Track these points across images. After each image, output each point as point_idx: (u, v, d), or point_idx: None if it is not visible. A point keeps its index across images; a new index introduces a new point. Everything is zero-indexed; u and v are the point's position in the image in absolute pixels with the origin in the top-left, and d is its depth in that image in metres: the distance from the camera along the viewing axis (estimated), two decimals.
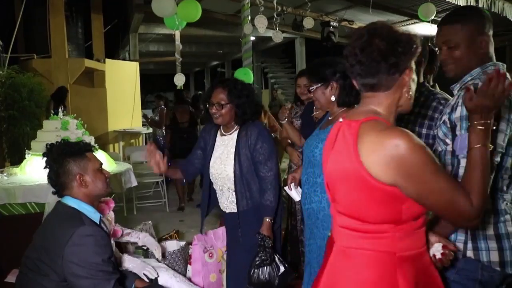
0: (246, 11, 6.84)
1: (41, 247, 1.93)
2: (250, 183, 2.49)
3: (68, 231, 1.85)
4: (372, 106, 1.38)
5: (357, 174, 1.29)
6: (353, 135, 1.32)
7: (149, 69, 20.68)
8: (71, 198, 2.03)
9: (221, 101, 2.43)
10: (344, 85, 2.20)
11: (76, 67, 8.54)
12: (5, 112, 6.11)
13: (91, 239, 1.87)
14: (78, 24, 10.20)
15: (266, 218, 2.44)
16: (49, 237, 1.92)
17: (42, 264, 1.88)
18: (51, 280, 1.87)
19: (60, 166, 2.03)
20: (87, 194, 2.05)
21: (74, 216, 1.96)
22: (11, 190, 3.55)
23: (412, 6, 8.69)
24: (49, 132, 4.04)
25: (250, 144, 2.47)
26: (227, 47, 16.27)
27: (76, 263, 1.82)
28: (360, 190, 1.31)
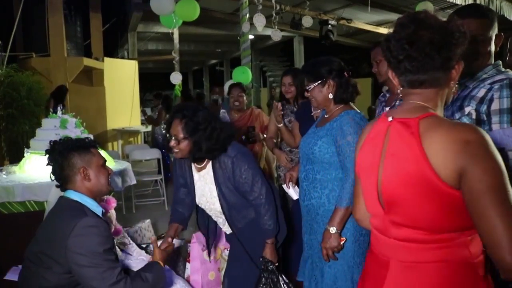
0: (244, 9, 6.85)
1: (44, 240, 1.94)
2: (241, 209, 2.40)
3: (71, 222, 1.87)
4: (420, 102, 1.25)
5: (424, 177, 1.14)
6: (414, 134, 1.17)
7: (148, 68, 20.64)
8: (74, 192, 2.05)
9: (178, 134, 2.19)
10: (340, 82, 2.24)
11: (74, 66, 8.55)
12: (4, 110, 6.12)
13: (94, 229, 1.88)
14: (77, 22, 10.20)
15: (268, 241, 2.36)
16: (52, 230, 1.93)
17: (44, 257, 1.90)
18: (54, 273, 1.88)
19: (64, 159, 2.04)
20: (90, 188, 2.07)
21: (77, 209, 1.98)
22: (10, 189, 3.56)
23: (410, 4, 8.70)
24: (48, 130, 4.04)
25: (228, 177, 2.30)
26: (226, 46, 16.26)
27: (80, 253, 1.83)
28: (427, 196, 1.16)
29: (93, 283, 1.84)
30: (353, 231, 2.19)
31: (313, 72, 2.27)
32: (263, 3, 6.70)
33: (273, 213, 2.34)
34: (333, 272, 2.21)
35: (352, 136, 2.11)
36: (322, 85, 2.25)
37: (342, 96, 2.25)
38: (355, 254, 2.20)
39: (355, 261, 2.21)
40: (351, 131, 2.13)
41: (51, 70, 8.21)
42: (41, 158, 3.93)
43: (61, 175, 2.06)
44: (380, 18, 10.40)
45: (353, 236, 2.19)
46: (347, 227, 2.18)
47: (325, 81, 2.24)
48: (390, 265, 1.26)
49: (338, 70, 2.25)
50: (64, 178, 2.06)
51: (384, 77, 2.55)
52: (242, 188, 2.31)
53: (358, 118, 2.19)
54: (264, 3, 6.85)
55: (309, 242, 2.36)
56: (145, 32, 12.69)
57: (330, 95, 2.25)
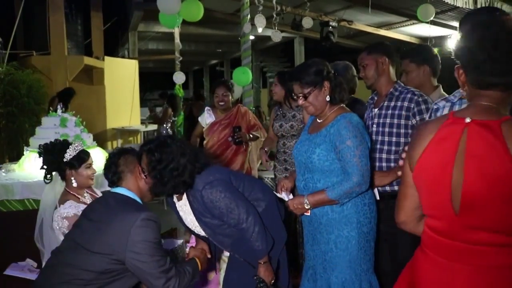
0: (245, 10, 6.85)
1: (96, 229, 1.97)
2: (227, 233, 2.31)
3: (135, 215, 1.95)
4: (490, 104, 1.23)
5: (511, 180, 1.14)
6: (499, 136, 1.16)
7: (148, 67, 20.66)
8: (126, 189, 2.13)
9: (144, 169, 2.12)
10: (335, 83, 2.21)
11: (75, 65, 8.55)
12: (4, 108, 6.12)
13: (154, 223, 1.98)
14: (78, 21, 10.21)
15: (260, 260, 2.25)
16: (112, 219, 1.97)
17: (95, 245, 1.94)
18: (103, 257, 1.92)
19: (120, 156, 2.16)
20: (141, 188, 2.16)
21: (136, 203, 2.10)
22: (9, 187, 3.57)
23: (411, 6, 8.70)
24: (47, 129, 4.05)
25: (203, 210, 2.23)
26: (226, 46, 16.26)
27: (141, 241, 1.91)
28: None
29: (147, 269, 1.92)
30: (358, 238, 2.17)
31: (306, 77, 2.19)
32: (264, 4, 6.70)
33: (259, 232, 2.19)
34: (340, 282, 2.18)
35: (352, 140, 2.08)
36: (319, 89, 2.19)
37: (339, 96, 2.21)
38: (362, 262, 2.18)
39: (362, 268, 2.19)
40: (350, 134, 2.09)
41: (51, 68, 8.22)
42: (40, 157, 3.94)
43: (116, 171, 2.14)
44: (381, 20, 10.40)
45: (358, 243, 2.17)
46: (352, 234, 2.16)
47: (320, 84, 2.18)
48: (456, 269, 1.24)
49: (332, 72, 2.22)
50: (119, 173, 2.14)
51: (371, 81, 2.56)
52: (222, 219, 2.23)
53: (355, 121, 2.15)
54: (265, 4, 6.85)
55: (312, 253, 2.32)
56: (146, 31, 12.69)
57: (327, 97, 2.20)
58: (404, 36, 11.43)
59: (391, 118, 2.43)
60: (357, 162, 2.06)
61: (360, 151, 2.07)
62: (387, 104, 2.47)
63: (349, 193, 2.08)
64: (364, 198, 2.20)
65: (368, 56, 2.54)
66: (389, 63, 2.52)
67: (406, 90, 2.45)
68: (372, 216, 2.22)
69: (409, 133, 2.37)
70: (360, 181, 2.06)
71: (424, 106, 2.37)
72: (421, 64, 2.78)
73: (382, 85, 2.53)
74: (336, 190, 2.08)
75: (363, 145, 2.10)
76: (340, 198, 2.09)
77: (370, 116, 2.59)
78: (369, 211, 2.21)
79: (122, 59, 12.31)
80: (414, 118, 2.37)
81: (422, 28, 10.14)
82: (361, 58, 2.58)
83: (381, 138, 2.47)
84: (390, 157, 2.44)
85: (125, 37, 13.30)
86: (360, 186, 2.07)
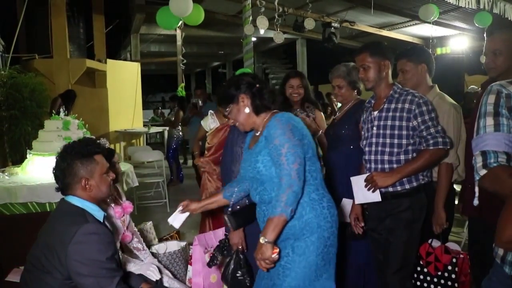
0: (247, 12, 6.86)
1: (44, 244, 1.93)
2: None
3: (72, 229, 1.86)
4: None
5: None
6: None
7: (150, 70, 20.70)
8: (75, 197, 2.03)
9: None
10: (252, 92, 2.16)
11: (77, 67, 8.57)
12: (6, 112, 6.11)
13: (94, 237, 1.87)
14: (80, 24, 10.21)
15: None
16: (53, 235, 1.92)
17: (45, 261, 1.89)
18: (54, 278, 1.87)
19: (67, 166, 2.02)
20: (91, 196, 2.05)
21: (78, 214, 1.96)
22: (12, 190, 3.56)
23: (413, 7, 8.70)
24: (50, 132, 4.04)
25: None
26: (228, 48, 16.29)
27: (79, 261, 1.82)
28: None
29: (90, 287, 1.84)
30: (317, 243, 2.08)
31: (224, 97, 2.21)
32: (266, 6, 6.70)
33: None
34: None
35: (279, 138, 1.99)
36: (236, 103, 2.17)
37: (261, 104, 2.16)
38: (317, 267, 2.10)
39: (316, 274, 2.11)
40: (278, 132, 2.00)
41: (54, 71, 8.23)
42: (43, 160, 3.93)
43: (63, 181, 2.05)
44: (383, 20, 10.39)
45: (317, 249, 2.08)
46: (311, 239, 2.07)
47: (236, 99, 2.17)
48: None
49: (247, 83, 2.18)
50: (66, 184, 2.04)
51: (371, 84, 2.51)
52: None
53: (285, 119, 2.07)
54: (267, 5, 6.85)
55: None
56: (148, 34, 12.73)
57: (247, 109, 2.16)
58: (406, 36, 11.42)
59: (392, 120, 2.42)
60: (283, 161, 1.95)
61: (287, 148, 1.96)
62: (387, 107, 2.46)
63: (285, 199, 1.91)
64: (322, 202, 2.11)
65: (371, 59, 2.48)
66: (389, 66, 2.51)
67: (406, 92, 2.44)
68: (333, 220, 2.13)
69: (411, 134, 2.38)
70: (289, 181, 1.92)
71: (425, 107, 2.35)
72: (418, 63, 2.78)
73: (382, 89, 2.52)
74: (274, 206, 1.95)
75: (291, 142, 1.97)
76: (283, 210, 1.92)
77: (369, 119, 2.57)
78: (330, 214, 2.11)
79: (124, 61, 12.32)
80: (415, 120, 2.36)
81: (424, 29, 10.12)
82: (362, 58, 2.51)
83: (382, 140, 2.46)
84: (392, 158, 2.43)
85: (127, 39, 13.33)
86: (291, 187, 1.92)
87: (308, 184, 2.08)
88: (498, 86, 1.67)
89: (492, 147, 1.61)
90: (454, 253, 2.65)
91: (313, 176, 2.11)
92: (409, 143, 2.40)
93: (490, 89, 1.68)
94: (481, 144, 1.66)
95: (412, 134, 2.39)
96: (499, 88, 1.66)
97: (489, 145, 1.62)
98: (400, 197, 2.43)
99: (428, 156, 2.34)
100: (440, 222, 2.63)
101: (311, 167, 2.10)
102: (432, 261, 2.68)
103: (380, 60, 2.47)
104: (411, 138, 2.39)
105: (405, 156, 2.41)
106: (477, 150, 1.66)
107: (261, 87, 2.19)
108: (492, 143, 1.62)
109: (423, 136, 2.36)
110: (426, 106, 2.36)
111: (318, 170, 2.15)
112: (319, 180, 2.15)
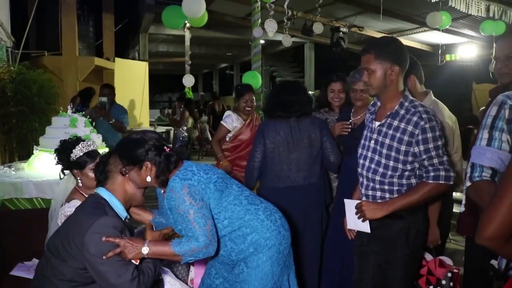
0: (256, 14, 6.87)
1: (64, 233, 1.97)
2: None
3: (91, 219, 1.89)
4: None
5: None
6: None
7: (158, 69, 20.77)
8: (106, 190, 2.06)
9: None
10: (159, 162, 2.03)
11: (86, 65, 8.61)
12: (14, 107, 6.15)
13: (111, 230, 1.90)
14: (89, 22, 10.27)
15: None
16: (73, 224, 1.95)
17: (62, 249, 1.92)
18: (69, 266, 1.90)
19: (110, 155, 2.09)
20: (125, 191, 2.09)
21: (100, 207, 1.99)
22: (18, 185, 3.58)
23: (422, 14, 8.67)
24: (57, 128, 4.06)
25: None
26: (236, 50, 16.31)
27: (94, 250, 1.85)
28: None
29: (109, 278, 1.86)
30: (268, 254, 2.11)
31: (128, 155, 2.05)
32: (275, 9, 6.71)
33: None
34: None
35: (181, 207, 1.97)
36: (139, 168, 2.04)
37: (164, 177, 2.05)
38: (274, 275, 2.13)
39: (275, 281, 2.14)
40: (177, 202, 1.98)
41: (62, 68, 8.27)
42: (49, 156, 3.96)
43: (103, 169, 2.08)
44: (392, 26, 10.37)
45: (271, 258, 2.12)
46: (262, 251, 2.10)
47: (141, 163, 2.03)
48: None
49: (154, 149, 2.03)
50: (106, 173, 2.07)
51: (376, 91, 2.21)
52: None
53: (178, 183, 2.00)
54: (276, 8, 6.86)
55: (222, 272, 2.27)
56: (157, 34, 12.77)
57: (148, 178, 2.05)
58: (415, 43, 11.39)
59: (391, 139, 2.14)
60: (195, 226, 1.95)
61: (193, 214, 1.95)
62: (390, 122, 2.17)
63: (195, 252, 1.95)
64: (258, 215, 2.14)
65: (377, 62, 2.15)
66: (400, 72, 2.16)
67: (413, 110, 2.11)
68: (277, 225, 2.16)
69: (409, 160, 2.12)
70: (206, 242, 1.94)
71: (430, 134, 2.06)
72: (407, 77, 2.58)
73: (388, 97, 2.20)
74: (182, 245, 1.95)
75: (195, 207, 1.96)
76: (184, 255, 1.95)
77: (370, 127, 2.31)
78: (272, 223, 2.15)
79: (133, 60, 12.37)
80: (417, 146, 2.08)
81: (433, 36, 10.09)
82: (367, 61, 2.18)
83: (378, 158, 2.20)
84: (384, 180, 2.19)
85: (136, 39, 13.38)
86: (207, 247, 1.95)
87: (236, 212, 2.11)
88: (504, 96, 1.70)
89: (480, 161, 1.69)
90: (449, 267, 2.52)
91: (236, 203, 2.13)
92: (406, 169, 2.14)
93: (496, 100, 1.71)
94: (473, 156, 1.74)
95: (412, 160, 2.12)
96: (504, 99, 1.69)
97: (478, 159, 1.70)
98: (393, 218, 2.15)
99: (427, 191, 2.07)
100: (434, 238, 2.55)
101: (228, 199, 2.11)
102: (425, 274, 2.52)
103: (387, 64, 2.13)
104: (409, 164, 2.13)
105: (399, 180, 2.16)
106: (470, 161, 1.74)
107: (168, 155, 2.05)
108: (481, 157, 1.70)
109: (424, 165, 2.09)
110: (432, 133, 2.06)
111: (238, 194, 2.16)
112: (245, 201, 2.16)
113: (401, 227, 2.16)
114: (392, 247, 2.19)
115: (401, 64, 2.16)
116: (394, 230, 2.17)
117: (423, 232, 2.27)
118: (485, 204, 1.39)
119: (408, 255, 2.18)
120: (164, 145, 2.07)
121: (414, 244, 2.19)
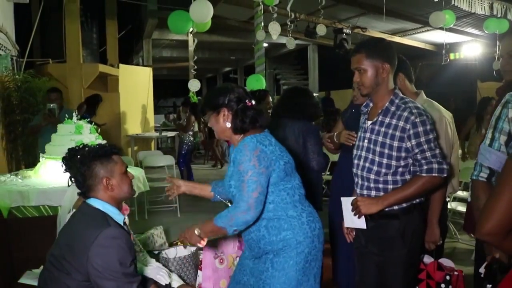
0: (259, 17, 6.88)
1: (65, 245, 1.95)
2: None
3: (94, 232, 1.87)
4: None
5: None
6: None
7: (162, 75, 20.83)
8: (96, 200, 2.04)
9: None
10: (236, 110, 2.10)
11: (90, 72, 8.66)
12: (20, 115, 6.20)
13: (116, 241, 1.89)
14: (93, 29, 10.35)
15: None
16: (75, 236, 1.94)
17: (65, 262, 1.90)
18: (73, 279, 1.88)
19: (87, 168, 2.03)
20: (113, 197, 2.07)
21: (100, 217, 1.98)
22: (25, 193, 3.59)
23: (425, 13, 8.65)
24: (63, 136, 4.08)
25: None
26: (240, 53, 16.35)
27: (100, 265, 1.83)
28: None
29: None
30: (296, 259, 2.07)
31: (209, 102, 2.17)
32: (278, 12, 6.71)
33: None
34: None
35: (244, 165, 1.98)
36: (217, 114, 2.13)
37: (240, 125, 2.10)
38: (298, 283, 2.09)
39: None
40: (243, 159, 1.99)
41: (67, 76, 8.32)
42: (56, 163, 3.97)
43: (83, 184, 2.05)
44: (395, 27, 10.36)
45: (297, 264, 2.07)
46: (290, 255, 2.06)
47: (219, 110, 2.12)
48: None
49: (235, 99, 2.12)
50: (87, 187, 2.05)
51: (368, 90, 2.22)
52: None
53: (253, 145, 2.02)
54: (279, 11, 6.86)
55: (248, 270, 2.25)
56: (160, 39, 12.82)
57: (227, 123, 2.12)
58: (419, 43, 11.36)
59: (383, 136, 2.16)
60: (244, 187, 1.96)
61: (250, 175, 1.96)
62: (381, 120, 2.19)
63: (234, 219, 1.95)
64: (301, 217, 2.10)
65: (367, 61, 2.18)
66: (390, 70, 2.20)
67: (404, 106, 2.13)
68: (314, 234, 2.11)
69: (402, 156, 2.13)
70: (245, 207, 1.94)
71: (421, 128, 2.07)
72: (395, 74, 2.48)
73: (379, 96, 2.22)
74: (222, 217, 1.98)
75: (255, 170, 1.97)
76: (227, 226, 1.96)
77: (363, 127, 2.33)
78: (310, 229, 2.10)
79: (137, 66, 12.42)
80: (409, 141, 2.09)
81: (437, 35, 10.06)
82: (357, 61, 2.20)
83: (371, 156, 2.21)
84: (379, 179, 2.19)
85: (139, 44, 13.45)
86: (245, 212, 1.94)
87: (284, 202, 2.09)
88: (510, 96, 1.74)
89: (481, 160, 1.81)
90: (448, 270, 2.47)
91: (290, 194, 2.10)
92: (399, 165, 2.14)
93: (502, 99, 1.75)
94: (479, 153, 1.85)
95: (405, 156, 2.13)
96: (509, 98, 1.74)
97: (480, 158, 1.81)
98: (388, 217, 2.17)
99: (421, 184, 2.07)
100: (433, 239, 2.50)
101: (286, 185, 2.09)
102: (424, 278, 2.47)
103: (378, 62, 2.17)
104: (402, 160, 2.14)
105: (393, 177, 2.16)
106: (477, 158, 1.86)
107: (245, 107, 2.12)
108: (482, 157, 1.81)
109: (417, 159, 2.09)
110: (423, 126, 2.07)
111: (296, 187, 2.14)
112: (298, 197, 2.13)
113: (396, 227, 2.16)
114: (389, 247, 2.19)
115: (390, 62, 2.20)
116: (390, 230, 2.18)
117: (419, 231, 2.27)
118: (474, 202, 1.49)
119: (405, 254, 2.18)
120: (247, 99, 2.15)
121: (411, 243, 2.19)
